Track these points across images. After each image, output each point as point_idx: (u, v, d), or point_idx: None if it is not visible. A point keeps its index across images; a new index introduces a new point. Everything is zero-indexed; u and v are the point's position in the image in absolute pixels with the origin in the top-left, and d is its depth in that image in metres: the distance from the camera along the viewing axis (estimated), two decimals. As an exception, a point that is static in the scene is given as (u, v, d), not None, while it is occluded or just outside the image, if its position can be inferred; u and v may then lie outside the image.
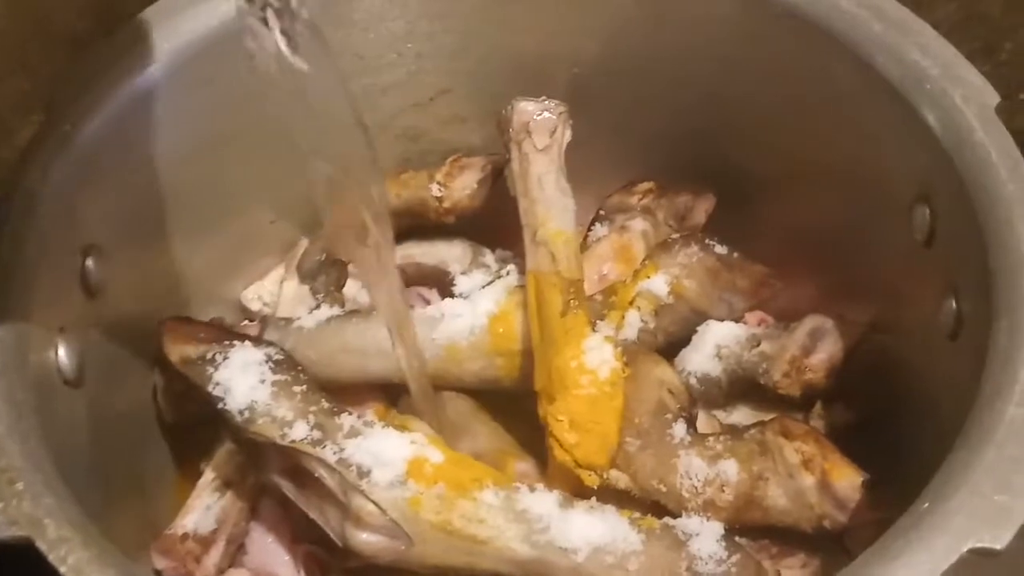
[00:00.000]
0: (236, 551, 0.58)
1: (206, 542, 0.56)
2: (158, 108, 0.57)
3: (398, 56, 0.65)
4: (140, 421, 0.60)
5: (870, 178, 0.57)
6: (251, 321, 0.66)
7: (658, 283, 0.59)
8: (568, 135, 0.59)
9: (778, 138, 0.62)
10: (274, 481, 0.52)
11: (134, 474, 0.58)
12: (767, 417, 0.56)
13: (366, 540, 0.49)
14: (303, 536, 0.57)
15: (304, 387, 0.52)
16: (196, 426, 0.59)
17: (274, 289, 0.68)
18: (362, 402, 0.61)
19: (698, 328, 0.61)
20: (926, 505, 0.41)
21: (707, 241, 0.60)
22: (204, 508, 0.58)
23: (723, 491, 0.51)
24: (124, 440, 0.57)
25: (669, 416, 0.53)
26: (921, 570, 0.39)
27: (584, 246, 0.64)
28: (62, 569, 0.41)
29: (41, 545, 0.42)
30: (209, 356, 0.52)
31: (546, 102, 0.58)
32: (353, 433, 0.50)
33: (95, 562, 0.42)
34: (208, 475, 0.59)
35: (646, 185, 0.67)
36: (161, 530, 0.57)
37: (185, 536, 0.56)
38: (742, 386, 0.60)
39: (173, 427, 0.61)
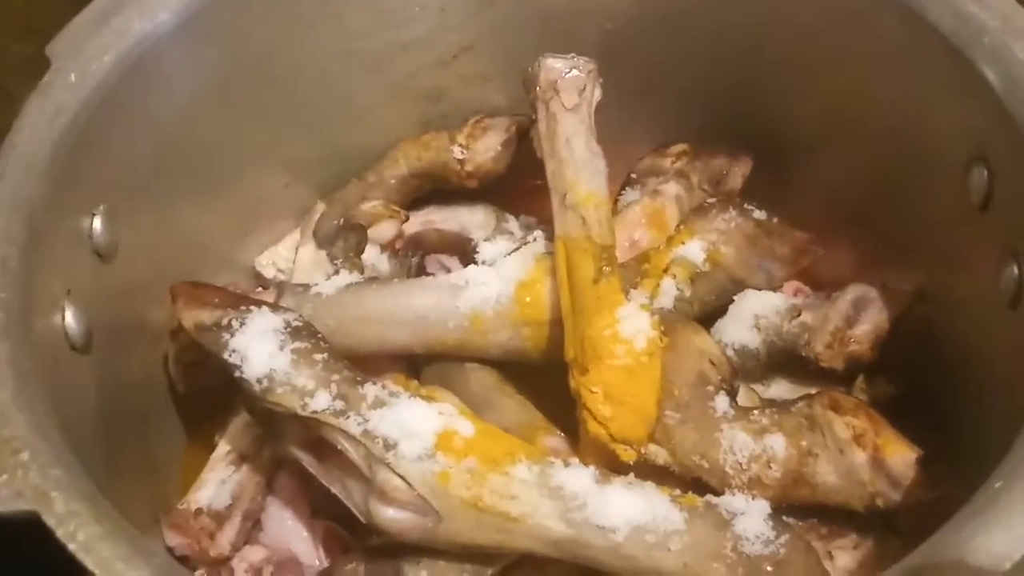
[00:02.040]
0: (252, 527, 0.56)
1: (221, 518, 0.55)
2: (167, 60, 0.55)
3: (420, 10, 0.62)
4: (150, 390, 0.58)
5: (920, 138, 0.55)
6: (265, 288, 0.63)
7: (694, 250, 0.57)
8: (598, 94, 0.56)
9: (820, 95, 0.60)
10: (293, 454, 0.50)
11: (144, 445, 0.56)
12: (806, 391, 0.53)
13: (392, 517, 0.46)
14: (322, 512, 0.56)
15: (325, 355, 0.49)
16: (209, 396, 0.58)
17: (289, 255, 0.66)
18: (381, 372, 0.59)
19: (735, 297, 0.58)
20: (999, 484, 0.38)
21: (745, 206, 0.58)
22: (218, 482, 0.56)
23: (770, 467, 0.49)
24: (134, 410, 0.55)
25: (711, 388, 0.51)
26: (999, 552, 0.36)
27: (614, 211, 0.62)
28: (71, 546, 0.39)
29: (49, 520, 0.39)
30: (225, 322, 0.50)
31: (575, 59, 0.56)
32: (378, 403, 0.47)
33: (107, 538, 0.39)
34: (222, 447, 0.57)
35: (680, 147, 0.65)
36: (172, 505, 0.55)
37: (199, 511, 0.54)
38: (781, 358, 0.57)
39: (185, 397, 0.59)
